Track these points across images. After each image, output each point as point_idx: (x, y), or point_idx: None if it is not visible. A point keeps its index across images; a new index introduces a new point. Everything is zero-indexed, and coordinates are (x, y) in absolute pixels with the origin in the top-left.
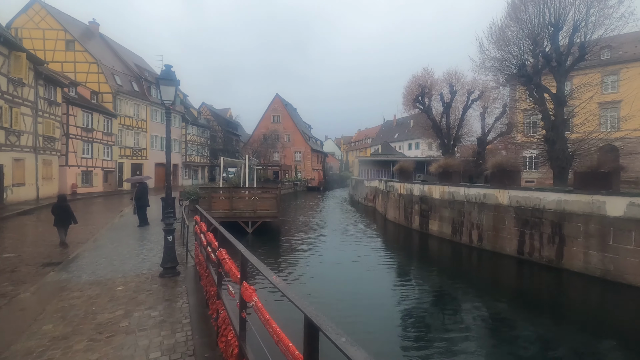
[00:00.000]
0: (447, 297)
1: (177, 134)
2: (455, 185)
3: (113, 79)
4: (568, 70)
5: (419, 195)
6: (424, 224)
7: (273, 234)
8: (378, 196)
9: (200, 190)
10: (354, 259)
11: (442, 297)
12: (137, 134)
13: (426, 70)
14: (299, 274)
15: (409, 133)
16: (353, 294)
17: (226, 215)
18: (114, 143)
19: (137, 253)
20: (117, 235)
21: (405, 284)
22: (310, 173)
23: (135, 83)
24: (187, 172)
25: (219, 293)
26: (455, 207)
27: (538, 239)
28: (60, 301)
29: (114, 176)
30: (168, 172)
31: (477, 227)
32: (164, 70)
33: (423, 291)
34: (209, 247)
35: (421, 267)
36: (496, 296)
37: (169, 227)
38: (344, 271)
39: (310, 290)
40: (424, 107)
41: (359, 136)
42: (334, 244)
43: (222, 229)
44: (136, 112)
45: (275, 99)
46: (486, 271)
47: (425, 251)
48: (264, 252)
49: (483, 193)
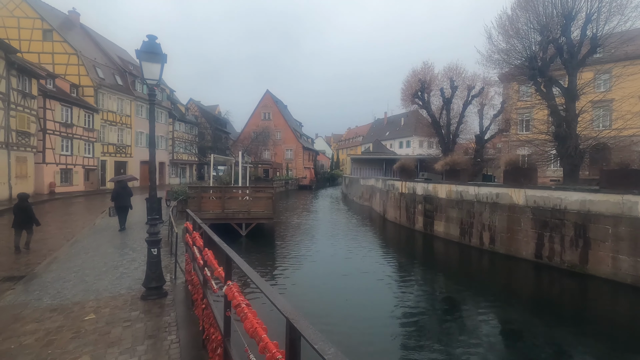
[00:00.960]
0: (459, 305)
1: (163, 131)
2: (463, 184)
3: (95, 72)
4: (580, 63)
5: (422, 194)
6: (429, 224)
7: (268, 236)
8: (375, 195)
9: (189, 189)
10: (356, 264)
11: (454, 305)
12: (121, 130)
13: (426, 64)
14: (299, 281)
15: (400, 131)
16: (356, 303)
17: (217, 217)
18: (95, 139)
19: (115, 265)
20: (94, 242)
21: (411, 291)
22: (301, 171)
23: (118, 76)
24: (175, 170)
25: (226, 347)
26: (464, 207)
27: (559, 242)
28: (7, 339)
29: (96, 174)
30: (152, 168)
31: (488, 229)
32: (146, 43)
33: (432, 299)
34: (208, 271)
35: (428, 271)
36: (513, 304)
37: (153, 238)
38: (346, 278)
39: (311, 299)
40: (424, 103)
41: (349, 134)
42: (333, 247)
43: (218, 238)
44: (120, 107)
45: (265, 95)
46: (500, 276)
47: (431, 254)
48: (260, 257)
49: (496, 192)
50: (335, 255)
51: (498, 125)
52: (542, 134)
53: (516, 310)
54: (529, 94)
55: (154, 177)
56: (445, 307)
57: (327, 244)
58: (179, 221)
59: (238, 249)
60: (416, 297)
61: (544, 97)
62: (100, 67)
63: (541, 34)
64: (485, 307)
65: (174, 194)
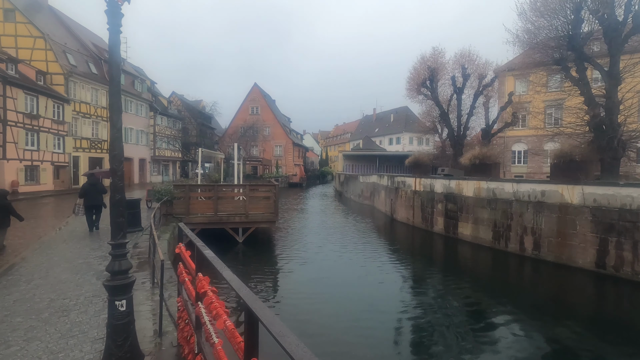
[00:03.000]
0: (505, 322)
1: (143, 124)
2: (497, 180)
3: (65, 58)
4: (624, 42)
5: (443, 192)
6: (451, 226)
7: (268, 243)
8: (378, 193)
9: (175, 188)
10: (373, 274)
11: (498, 322)
12: (96, 124)
13: (436, 50)
14: (310, 298)
15: (390, 127)
16: (377, 323)
17: (210, 221)
18: (66, 133)
19: (65, 308)
20: (47, 262)
21: (444, 305)
22: (291, 168)
23: (92, 64)
24: (157, 167)
25: None
26: (498, 207)
27: (630, 249)
28: None
29: (68, 172)
30: (116, 164)
31: (531, 232)
32: None
33: (471, 314)
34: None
35: (459, 283)
36: (572, 322)
37: (118, 281)
38: (364, 290)
39: (326, 322)
40: (432, 93)
41: (337, 131)
42: (344, 253)
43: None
44: (95, 97)
45: (253, 89)
46: (552, 289)
47: (459, 261)
48: (261, 267)
49: (541, 190)
50: (349, 264)
51: (504, 118)
52: (578, 125)
53: (575, 329)
54: (556, 82)
55: (117, 177)
56: (488, 323)
57: (337, 251)
58: (163, 228)
59: (234, 258)
60: (452, 314)
61: (575, 83)
62: (71, 53)
63: (578, 10)
64: (538, 325)
65: (157, 194)
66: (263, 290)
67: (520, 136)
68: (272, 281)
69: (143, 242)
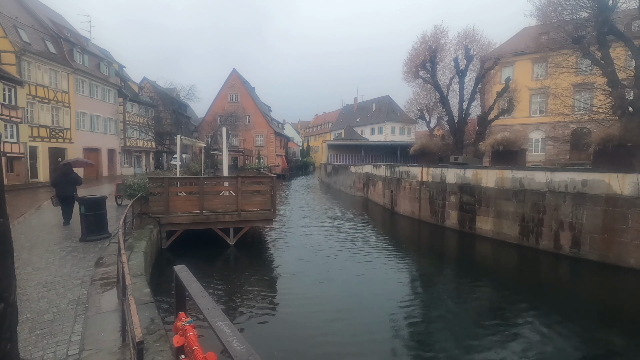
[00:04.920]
0: (544, 329)
1: (112, 111)
2: (524, 168)
3: (16, 34)
4: None
5: (457, 183)
6: (467, 221)
7: (264, 244)
8: (374, 184)
9: (151, 182)
10: (387, 277)
11: (535, 331)
12: (56, 110)
13: (438, 29)
14: (318, 311)
15: (372, 117)
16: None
17: (194, 221)
18: (20, 120)
19: None
20: None
21: (468, 311)
22: (273, 159)
23: (50, 42)
24: (128, 158)
25: None
26: (526, 199)
27: None
28: None
29: (24, 164)
30: None
31: (569, 228)
32: None
33: (499, 322)
34: None
35: (482, 283)
36: (630, 331)
37: None
38: (387, 300)
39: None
40: (432, 76)
41: (317, 121)
42: (349, 254)
43: None
44: (54, 80)
45: (232, 75)
46: (599, 292)
47: (478, 260)
48: (257, 277)
49: (582, 179)
50: (357, 266)
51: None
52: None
53: (631, 339)
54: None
55: None
56: (520, 329)
57: (341, 250)
58: (138, 233)
59: (225, 264)
60: (477, 317)
61: (596, 63)
62: (24, 28)
63: None
64: (583, 333)
65: (128, 189)
66: (262, 305)
67: (537, 123)
68: (271, 293)
69: (110, 255)
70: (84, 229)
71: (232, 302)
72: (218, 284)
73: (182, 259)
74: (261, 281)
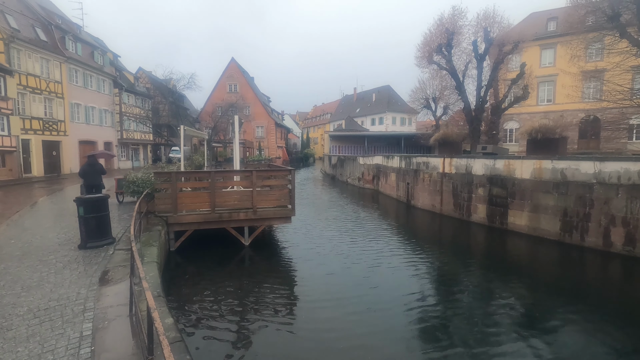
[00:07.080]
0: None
1: (107, 103)
2: (566, 158)
3: (4, 20)
4: None
5: (485, 174)
6: (498, 215)
7: (279, 244)
8: (386, 176)
9: (156, 176)
10: (415, 277)
11: (586, 337)
12: (49, 101)
13: (456, 9)
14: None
15: (372, 107)
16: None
17: (206, 220)
18: (11, 112)
19: None
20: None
21: (509, 313)
22: (274, 151)
23: (41, 30)
24: (125, 151)
25: None
26: (569, 192)
27: None
28: None
29: (16, 158)
30: None
31: (623, 223)
32: None
33: (542, 326)
34: None
35: (520, 282)
36: None
37: None
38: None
39: None
40: (448, 61)
41: (316, 112)
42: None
43: None
44: (45, 69)
45: (230, 65)
46: None
47: (513, 258)
48: (276, 280)
49: (638, 169)
50: (383, 267)
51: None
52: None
53: None
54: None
55: None
56: (566, 336)
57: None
58: (145, 236)
59: (239, 269)
60: (517, 318)
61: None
62: (12, 14)
63: None
64: None
65: (129, 185)
66: (282, 315)
67: (545, 112)
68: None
69: (116, 268)
70: (84, 234)
71: (249, 312)
72: (234, 291)
73: (193, 262)
74: (280, 288)
